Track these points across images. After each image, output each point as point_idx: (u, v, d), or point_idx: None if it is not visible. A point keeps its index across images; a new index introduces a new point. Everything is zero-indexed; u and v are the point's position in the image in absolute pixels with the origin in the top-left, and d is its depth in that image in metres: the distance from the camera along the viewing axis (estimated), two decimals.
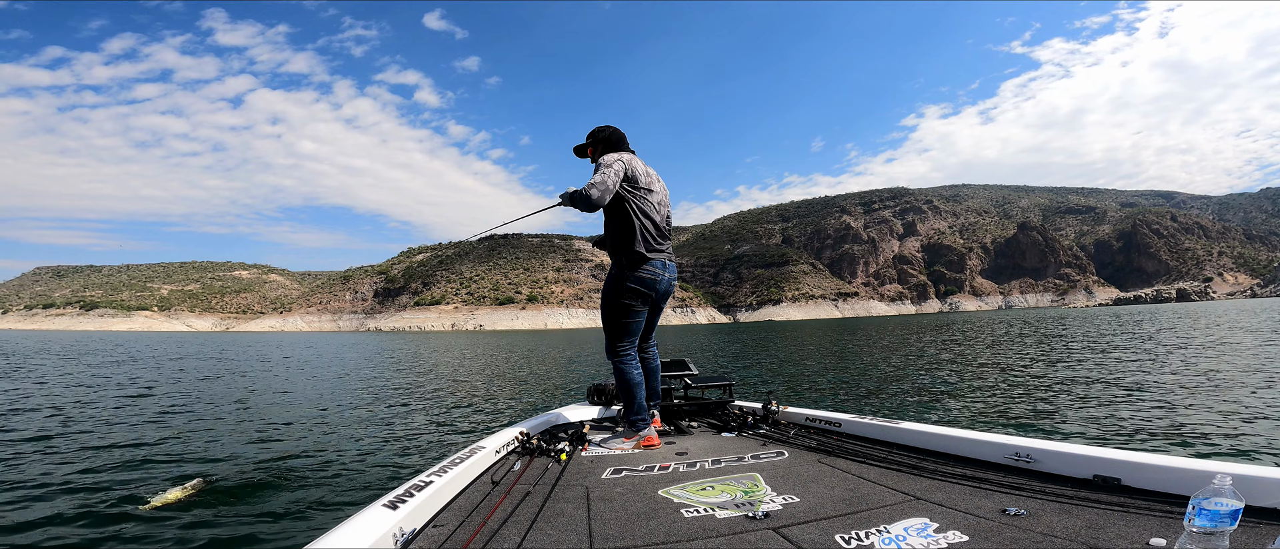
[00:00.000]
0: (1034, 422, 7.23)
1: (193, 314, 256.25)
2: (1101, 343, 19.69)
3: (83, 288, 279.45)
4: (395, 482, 4.60)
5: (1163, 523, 1.66)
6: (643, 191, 3.18)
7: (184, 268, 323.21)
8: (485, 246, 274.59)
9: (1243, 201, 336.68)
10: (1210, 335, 20.49)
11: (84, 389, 12.66)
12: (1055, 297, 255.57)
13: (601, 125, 3.39)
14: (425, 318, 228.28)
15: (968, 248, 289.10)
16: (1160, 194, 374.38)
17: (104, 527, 3.98)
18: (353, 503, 4.49)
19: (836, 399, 10.53)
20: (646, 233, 3.16)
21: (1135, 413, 7.37)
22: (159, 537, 3.80)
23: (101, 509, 4.35)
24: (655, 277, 3.17)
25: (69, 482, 5.06)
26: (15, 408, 9.69)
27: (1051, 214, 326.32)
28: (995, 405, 8.66)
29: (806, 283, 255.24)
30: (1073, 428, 6.76)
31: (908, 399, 9.80)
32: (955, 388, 10.68)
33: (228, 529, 3.91)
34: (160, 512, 4.23)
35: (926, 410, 8.56)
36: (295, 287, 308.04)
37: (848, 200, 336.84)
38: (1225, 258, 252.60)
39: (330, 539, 1.54)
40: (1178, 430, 6.30)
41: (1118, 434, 6.35)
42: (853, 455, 2.73)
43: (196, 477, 4.94)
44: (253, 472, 5.47)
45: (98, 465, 5.70)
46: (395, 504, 1.84)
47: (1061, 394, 9.28)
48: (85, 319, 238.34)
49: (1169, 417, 7.05)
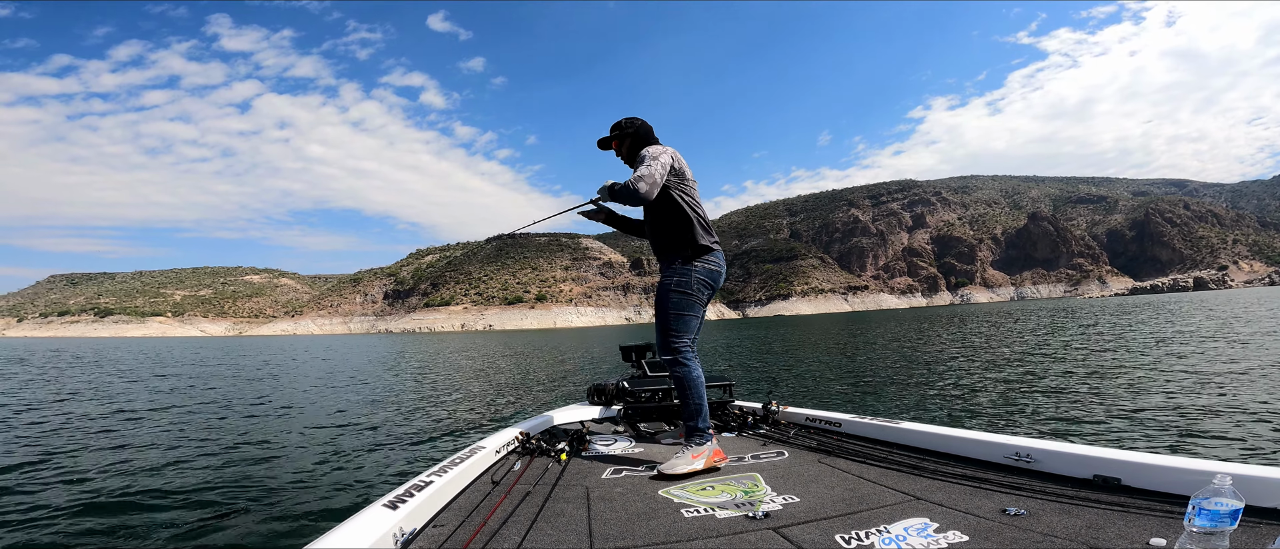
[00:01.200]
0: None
1: (206, 319, 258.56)
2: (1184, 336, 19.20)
3: (97, 295, 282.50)
4: (395, 481, 4.60)
5: (1163, 523, 1.66)
6: (690, 183, 3.02)
7: (196, 273, 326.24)
8: (493, 247, 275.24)
9: (1256, 189, 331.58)
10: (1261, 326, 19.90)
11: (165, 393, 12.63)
12: (1068, 287, 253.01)
13: (630, 117, 3.17)
14: (435, 319, 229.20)
15: (978, 239, 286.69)
16: (1172, 182, 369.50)
17: (102, 527, 3.96)
18: (353, 503, 4.48)
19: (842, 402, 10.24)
20: (702, 224, 2.98)
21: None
22: (159, 536, 3.80)
23: (100, 502, 4.36)
24: (719, 268, 2.98)
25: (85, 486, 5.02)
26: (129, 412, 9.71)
27: (1062, 204, 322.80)
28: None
29: (816, 277, 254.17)
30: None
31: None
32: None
33: (228, 529, 3.92)
34: (160, 513, 4.21)
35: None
36: (306, 290, 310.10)
37: (855, 194, 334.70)
38: (1240, 245, 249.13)
39: (330, 539, 1.54)
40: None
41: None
42: (853, 455, 2.72)
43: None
44: (253, 472, 5.46)
45: (98, 474, 5.64)
46: (395, 504, 1.84)
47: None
48: (100, 326, 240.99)
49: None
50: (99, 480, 5.24)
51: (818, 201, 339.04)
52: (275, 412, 9.87)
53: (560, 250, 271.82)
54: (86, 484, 5.14)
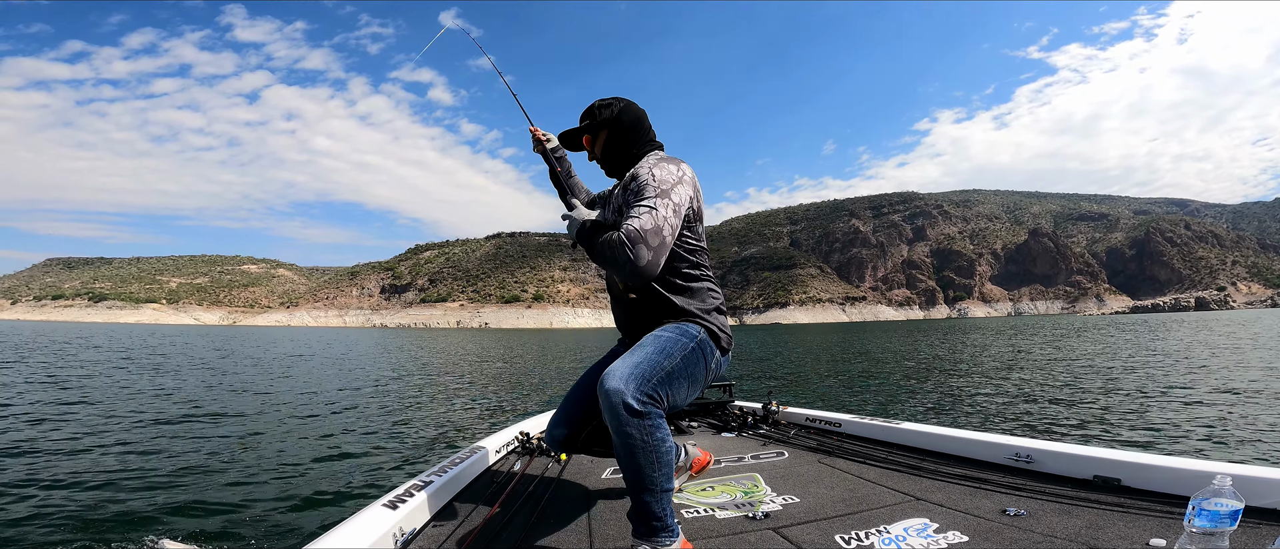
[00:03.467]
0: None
1: (201, 307, 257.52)
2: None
3: (92, 280, 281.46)
4: (395, 481, 4.57)
5: (1163, 523, 1.65)
6: (701, 228, 1.97)
7: (193, 261, 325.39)
8: (492, 244, 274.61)
9: (1257, 210, 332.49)
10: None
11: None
12: (1066, 304, 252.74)
13: (612, 98, 2.07)
14: (431, 315, 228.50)
15: (977, 253, 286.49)
16: (1174, 202, 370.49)
17: (102, 526, 3.94)
18: (353, 503, 4.46)
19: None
20: (714, 289, 2.00)
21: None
22: (158, 535, 3.77)
23: (101, 501, 4.31)
24: (728, 351, 2.01)
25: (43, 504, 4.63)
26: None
27: (1063, 221, 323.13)
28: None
29: (814, 286, 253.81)
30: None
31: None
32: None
33: (227, 529, 3.92)
34: (161, 511, 4.19)
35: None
36: (303, 282, 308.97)
37: (857, 204, 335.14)
38: (1239, 267, 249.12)
39: (330, 539, 1.53)
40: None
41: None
42: (853, 456, 2.71)
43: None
44: (251, 472, 5.34)
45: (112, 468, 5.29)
46: (395, 504, 1.83)
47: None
48: (93, 311, 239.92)
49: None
50: (88, 471, 5.11)
51: (819, 211, 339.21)
52: (274, 411, 9.57)
53: (559, 251, 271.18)
54: (74, 476, 5.02)
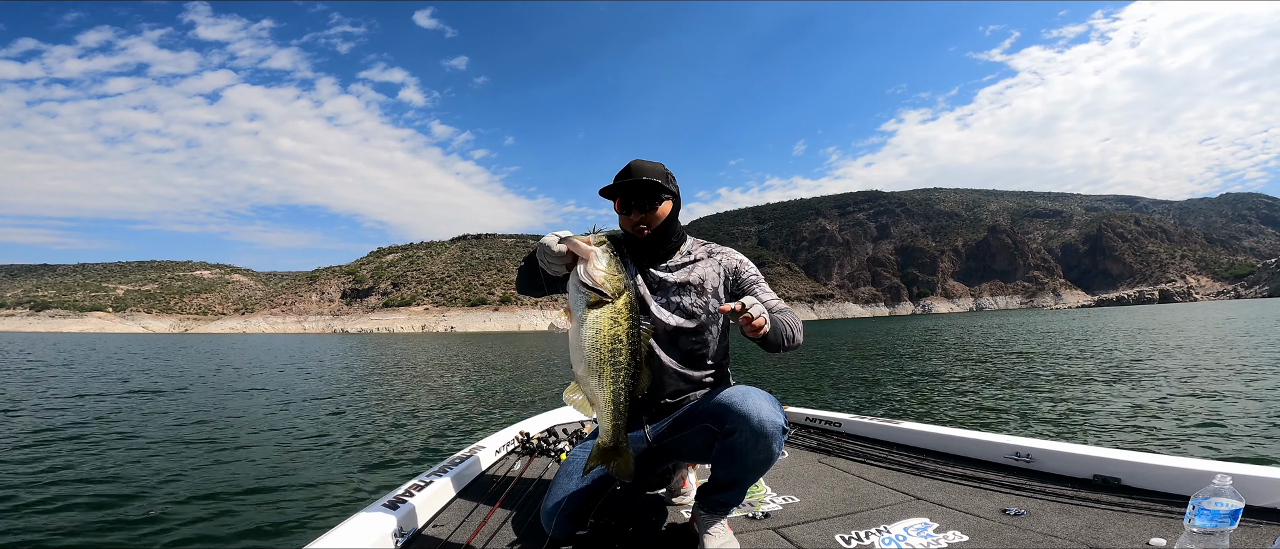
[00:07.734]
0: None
1: (149, 315, 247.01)
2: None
3: (35, 288, 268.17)
4: (395, 482, 4.67)
5: (1163, 523, 1.66)
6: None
7: (142, 267, 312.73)
8: (458, 247, 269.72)
9: (1203, 206, 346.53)
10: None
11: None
12: (1024, 299, 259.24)
13: (660, 166, 1.92)
14: (394, 320, 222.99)
15: (940, 251, 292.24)
16: (1124, 199, 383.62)
17: (102, 525, 3.96)
18: (353, 503, 4.51)
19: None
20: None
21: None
22: (159, 535, 3.80)
23: (100, 501, 4.35)
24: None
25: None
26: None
27: (1020, 217, 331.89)
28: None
29: (783, 285, 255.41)
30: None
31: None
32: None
33: (226, 530, 3.93)
34: (161, 510, 4.20)
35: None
36: (260, 287, 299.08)
37: (824, 203, 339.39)
38: (1187, 261, 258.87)
39: (330, 539, 1.53)
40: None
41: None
42: (853, 455, 2.70)
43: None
44: (250, 472, 5.37)
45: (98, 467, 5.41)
46: (395, 504, 1.83)
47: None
48: (35, 320, 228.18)
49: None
50: (83, 482, 5.11)
51: (786, 210, 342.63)
52: (271, 410, 9.50)
53: (527, 252, 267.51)
54: (74, 484, 5.06)
